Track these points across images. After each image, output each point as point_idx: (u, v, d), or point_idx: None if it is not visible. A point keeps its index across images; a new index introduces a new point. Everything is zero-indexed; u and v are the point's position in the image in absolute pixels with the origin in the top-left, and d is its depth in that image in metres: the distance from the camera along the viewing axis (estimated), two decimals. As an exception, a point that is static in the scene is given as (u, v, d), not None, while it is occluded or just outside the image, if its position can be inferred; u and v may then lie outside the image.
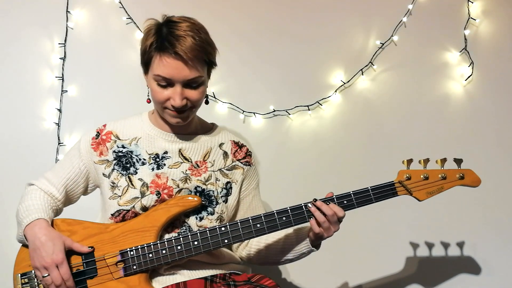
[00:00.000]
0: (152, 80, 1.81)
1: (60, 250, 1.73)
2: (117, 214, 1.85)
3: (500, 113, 2.67)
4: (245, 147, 2.03)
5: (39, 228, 1.76)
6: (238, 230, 1.81)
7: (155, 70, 1.78)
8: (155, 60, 1.78)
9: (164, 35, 1.76)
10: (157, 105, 1.86)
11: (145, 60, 1.82)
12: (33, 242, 1.74)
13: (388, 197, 1.84)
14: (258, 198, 2.07)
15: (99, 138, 1.94)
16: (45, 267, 1.71)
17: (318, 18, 2.68)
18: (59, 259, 1.71)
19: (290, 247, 1.94)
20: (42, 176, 1.97)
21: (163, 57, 1.76)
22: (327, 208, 1.78)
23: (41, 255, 1.72)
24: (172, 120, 1.86)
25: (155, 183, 1.87)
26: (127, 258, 1.78)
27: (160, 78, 1.78)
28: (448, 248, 2.60)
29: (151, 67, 1.80)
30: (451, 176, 1.84)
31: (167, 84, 1.79)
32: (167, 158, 1.90)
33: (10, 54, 2.57)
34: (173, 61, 1.75)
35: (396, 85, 2.68)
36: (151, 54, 1.78)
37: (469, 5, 2.68)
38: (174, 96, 1.80)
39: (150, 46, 1.78)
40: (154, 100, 1.85)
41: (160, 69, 1.77)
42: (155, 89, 1.81)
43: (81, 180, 1.96)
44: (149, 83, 1.84)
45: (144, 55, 1.81)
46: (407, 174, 1.84)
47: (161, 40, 1.76)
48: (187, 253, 1.79)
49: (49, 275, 1.71)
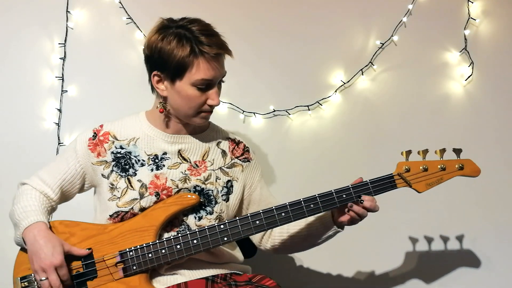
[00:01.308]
0: (188, 86, 1.78)
1: (59, 252, 1.72)
2: (115, 215, 1.85)
3: (500, 113, 2.67)
4: (242, 143, 2.03)
5: (38, 231, 1.75)
6: (237, 227, 1.80)
7: (198, 75, 1.76)
8: (196, 65, 1.75)
9: (198, 36, 1.76)
10: (191, 111, 1.83)
11: (180, 68, 1.76)
12: (32, 245, 1.74)
13: (388, 190, 1.83)
14: (266, 189, 2.06)
15: (96, 139, 1.93)
16: (43, 269, 1.71)
17: (318, 18, 2.68)
18: (57, 261, 1.71)
19: (315, 233, 1.94)
20: (35, 175, 1.95)
21: (206, 61, 1.75)
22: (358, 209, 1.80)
23: (40, 257, 1.71)
24: (201, 121, 1.87)
25: (154, 184, 1.86)
26: (127, 259, 1.78)
27: (204, 81, 1.77)
28: (448, 242, 2.61)
29: (188, 74, 1.76)
30: (450, 166, 1.83)
31: (206, 87, 1.80)
32: (166, 159, 1.90)
33: (10, 54, 2.57)
34: (215, 62, 1.78)
35: (396, 85, 2.68)
36: (188, 61, 1.75)
37: (469, 5, 2.68)
38: (213, 96, 1.81)
39: (190, 50, 1.74)
40: (189, 106, 1.81)
41: (204, 72, 1.76)
42: (194, 94, 1.79)
43: (77, 181, 1.95)
44: (181, 90, 1.79)
45: (178, 63, 1.75)
46: (406, 166, 1.83)
47: (199, 43, 1.75)
48: (187, 252, 1.78)
49: (48, 278, 1.71)
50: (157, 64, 1.80)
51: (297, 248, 2.05)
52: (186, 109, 1.83)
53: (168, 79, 1.81)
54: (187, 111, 1.83)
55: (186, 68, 1.76)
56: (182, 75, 1.77)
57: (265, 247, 2.06)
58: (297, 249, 2.06)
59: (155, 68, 1.82)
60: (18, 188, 1.97)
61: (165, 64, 1.78)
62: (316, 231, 1.93)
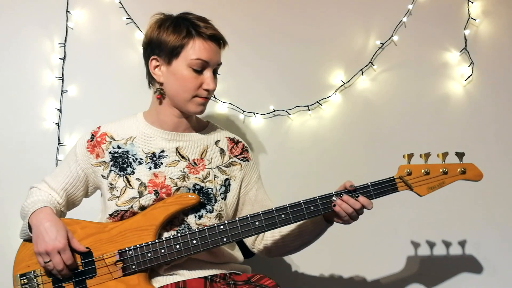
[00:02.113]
0: (184, 67, 1.82)
1: (63, 236, 1.75)
2: (115, 214, 1.86)
3: (500, 113, 2.67)
4: (241, 142, 2.04)
5: (44, 214, 1.79)
6: (237, 228, 1.80)
7: (193, 55, 1.81)
8: (191, 45, 1.81)
9: (195, 21, 1.84)
10: (186, 94, 1.85)
11: (176, 47, 1.82)
12: (37, 227, 1.77)
13: (389, 193, 1.82)
14: (262, 191, 2.06)
15: (94, 141, 1.95)
16: (47, 252, 1.73)
17: (318, 18, 2.69)
18: (61, 244, 1.74)
19: (306, 229, 1.94)
20: (42, 180, 1.99)
21: (202, 41, 1.82)
22: (354, 203, 1.78)
23: (44, 240, 1.74)
24: (197, 109, 1.88)
25: (153, 182, 1.87)
26: (126, 258, 1.78)
27: (199, 62, 1.82)
28: (450, 247, 2.60)
29: (184, 54, 1.82)
30: (452, 170, 1.81)
31: (201, 69, 1.84)
32: (164, 157, 1.90)
33: (10, 54, 2.57)
34: (211, 44, 1.84)
35: (396, 85, 2.68)
36: (184, 40, 1.81)
37: (469, 5, 2.68)
38: (208, 80, 1.85)
39: (186, 32, 1.81)
40: (185, 88, 1.85)
41: (200, 52, 1.82)
42: (189, 75, 1.83)
43: (80, 184, 1.97)
44: (177, 71, 1.84)
45: (175, 43, 1.81)
46: (408, 169, 1.81)
47: (195, 26, 1.82)
48: (186, 252, 1.79)
49: (51, 260, 1.73)
50: (154, 48, 1.86)
51: (290, 247, 2.02)
52: (181, 92, 1.85)
53: (165, 62, 1.85)
54: (182, 94, 1.85)
55: (182, 46, 1.82)
56: (178, 54, 1.82)
57: (258, 248, 2.05)
58: (290, 248, 2.03)
59: (153, 53, 1.87)
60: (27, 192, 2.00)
61: (162, 46, 1.84)
62: (306, 228, 1.94)
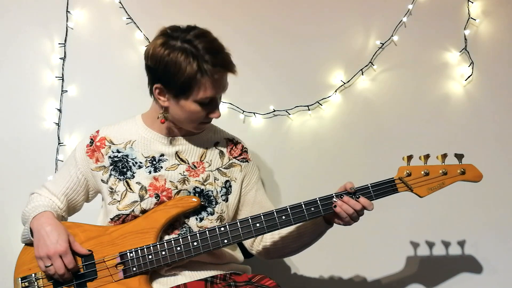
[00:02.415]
0: (192, 103, 1.77)
1: (65, 240, 1.75)
2: (116, 218, 1.86)
3: (500, 113, 2.66)
4: (240, 144, 2.04)
5: (45, 218, 1.79)
6: (237, 230, 1.81)
7: (203, 94, 1.75)
8: (202, 85, 1.74)
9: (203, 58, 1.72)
10: (192, 123, 1.84)
11: (186, 87, 1.74)
12: (38, 232, 1.77)
13: (389, 194, 1.83)
14: (262, 192, 2.06)
15: (93, 145, 1.94)
16: (48, 256, 1.73)
17: (318, 18, 2.68)
18: (63, 248, 1.74)
19: (305, 230, 1.94)
20: (42, 186, 1.99)
21: (211, 80, 1.74)
22: (355, 203, 1.78)
23: (46, 244, 1.74)
24: (199, 130, 1.91)
25: (154, 186, 1.87)
26: (127, 260, 1.79)
27: (207, 99, 1.77)
28: (449, 247, 2.60)
29: (195, 92, 1.75)
30: (452, 171, 1.83)
31: (210, 101, 1.80)
32: (164, 161, 1.90)
33: (10, 54, 2.57)
34: (220, 81, 1.78)
35: (396, 85, 2.67)
36: (193, 81, 1.73)
37: (469, 5, 2.67)
38: (215, 110, 1.83)
39: (196, 71, 1.72)
40: (191, 119, 1.82)
41: (210, 91, 1.76)
42: (196, 110, 1.79)
43: (81, 189, 1.97)
44: (184, 106, 1.79)
45: (185, 83, 1.73)
46: (408, 170, 1.83)
47: (204, 63, 1.72)
48: (187, 254, 1.79)
49: (52, 264, 1.73)
50: (160, 77, 1.78)
51: (289, 249, 2.02)
52: (187, 122, 1.85)
53: (171, 94, 1.79)
54: (188, 123, 1.85)
55: (192, 88, 1.74)
56: (187, 94, 1.76)
57: (257, 250, 2.05)
58: (289, 250, 2.03)
59: (158, 81, 1.79)
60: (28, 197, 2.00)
61: (170, 80, 1.75)
62: (306, 229, 1.94)
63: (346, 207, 1.78)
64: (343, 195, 1.80)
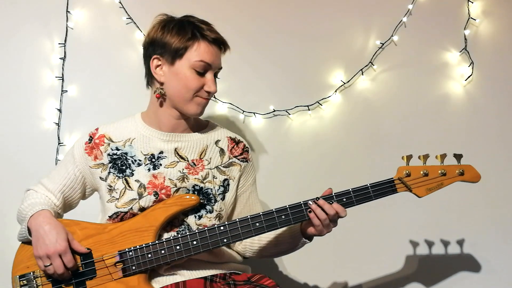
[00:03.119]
0: (187, 67, 1.84)
1: (64, 239, 1.75)
2: (115, 216, 1.86)
3: (500, 113, 2.67)
4: (242, 143, 2.03)
5: (43, 217, 1.79)
6: (237, 229, 1.80)
7: (197, 57, 1.83)
8: (196, 47, 1.83)
9: (199, 24, 1.86)
10: (187, 93, 1.86)
11: (180, 48, 1.83)
12: (37, 231, 1.76)
13: (388, 194, 1.84)
14: (255, 195, 2.07)
15: (92, 143, 1.94)
16: (48, 255, 1.73)
17: (318, 18, 2.68)
18: (62, 247, 1.73)
19: (283, 240, 1.95)
20: (38, 182, 1.98)
21: (206, 44, 1.85)
22: (329, 208, 1.78)
23: (45, 243, 1.73)
24: (197, 110, 1.90)
25: (152, 184, 1.87)
26: (126, 259, 1.78)
27: (202, 64, 1.84)
28: (448, 246, 2.60)
29: (187, 55, 1.83)
30: (451, 172, 1.84)
31: (204, 71, 1.85)
32: (163, 158, 1.90)
33: (10, 54, 2.57)
34: (214, 48, 1.87)
35: (396, 85, 2.67)
36: (188, 42, 1.83)
37: (469, 5, 2.68)
38: (209, 82, 1.87)
39: (191, 34, 1.83)
40: (186, 88, 1.85)
41: (204, 55, 1.84)
42: (191, 76, 1.84)
43: (78, 186, 1.97)
44: (179, 71, 1.85)
45: (180, 44, 1.83)
46: (407, 171, 1.83)
47: (199, 29, 1.85)
48: (186, 253, 1.79)
49: (52, 264, 1.72)
50: (157, 48, 1.87)
51: (268, 254, 2.05)
52: (183, 92, 1.86)
53: (167, 61, 1.86)
54: (184, 93, 1.86)
55: (186, 48, 1.84)
56: (182, 54, 1.84)
57: (236, 249, 2.06)
58: (267, 255, 2.07)
59: (155, 52, 1.88)
60: (24, 194, 2.00)
61: (165, 46, 1.85)
62: (284, 239, 1.95)
63: (319, 212, 1.79)
64: (318, 198, 1.80)
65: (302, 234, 1.88)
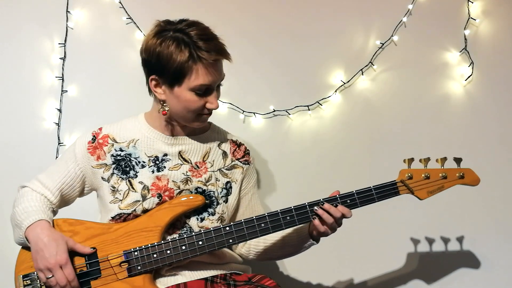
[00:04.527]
0: (187, 91, 1.78)
1: (64, 250, 1.72)
2: (118, 217, 1.85)
3: (500, 113, 2.67)
4: (243, 145, 2.04)
5: (41, 229, 1.75)
6: (242, 230, 1.81)
7: (197, 81, 1.76)
8: (195, 71, 1.75)
9: (197, 42, 1.75)
10: (190, 114, 1.83)
11: (179, 74, 1.76)
12: (35, 243, 1.74)
13: (390, 196, 1.86)
14: (256, 197, 2.07)
15: (95, 142, 1.93)
16: (48, 268, 1.71)
17: (318, 18, 2.68)
18: (62, 260, 1.71)
19: (290, 242, 1.95)
20: (35, 178, 1.95)
21: (204, 66, 1.75)
22: (335, 211, 1.79)
23: (44, 256, 1.71)
24: (201, 124, 1.89)
25: (156, 186, 1.87)
26: (132, 259, 1.78)
27: (202, 87, 1.78)
28: (448, 243, 2.61)
29: (188, 79, 1.76)
30: (451, 175, 1.87)
31: (206, 91, 1.80)
32: (167, 161, 1.90)
33: (10, 54, 2.56)
34: (214, 67, 1.78)
35: (396, 85, 2.68)
36: (186, 67, 1.75)
37: (469, 5, 2.68)
38: (212, 100, 1.82)
39: (188, 57, 1.74)
40: (188, 110, 1.82)
41: (203, 78, 1.76)
42: (192, 99, 1.79)
43: (77, 184, 1.95)
44: (179, 95, 1.79)
45: (177, 69, 1.75)
46: (409, 174, 1.86)
47: (197, 48, 1.74)
48: (192, 253, 1.79)
49: (53, 276, 1.71)
50: (155, 68, 1.80)
51: (272, 256, 2.06)
52: (185, 113, 1.83)
53: (166, 84, 1.81)
54: (186, 115, 1.84)
55: (184, 74, 1.76)
56: (180, 81, 1.77)
57: (239, 252, 2.06)
58: (272, 257, 2.08)
59: (153, 72, 1.81)
60: (18, 191, 1.97)
61: (163, 70, 1.77)
62: (291, 241, 1.95)
63: (326, 216, 1.79)
64: (323, 202, 1.81)
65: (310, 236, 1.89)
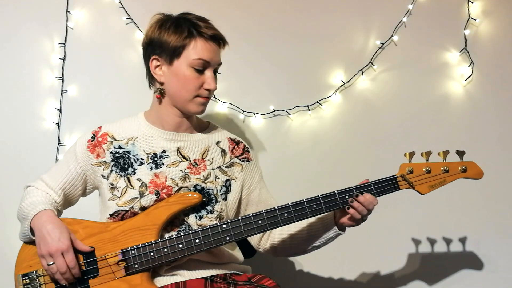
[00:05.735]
0: (186, 66, 1.84)
1: (66, 237, 1.74)
2: (115, 214, 1.85)
3: (500, 113, 2.67)
4: (242, 143, 2.04)
5: (47, 217, 1.78)
6: (239, 227, 1.80)
7: (195, 55, 1.83)
8: (193, 45, 1.83)
9: (195, 22, 1.85)
10: (188, 94, 1.86)
11: (178, 47, 1.83)
12: (39, 230, 1.76)
13: (390, 191, 1.84)
14: (265, 190, 2.06)
15: (95, 140, 1.94)
16: (50, 254, 1.72)
17: (318, 18, 2.69)
18: (64, 245, 1.73)
19: (316, 234, 1.94)
20: (39, 178, 1.97)
21: (203, 41, 1.84)
22: (368, 202, 1.79)
23: (47, 242, 1.73)
24: (198, 109, 1.89)
25: (154, 183, 1.87)
26: (129, 257, 1.78)
27: (200, 61, 1.83)
28: (451, 244, 2.60)
29: (185, 54, 1.83)
30: (453, 169, 1.83)
31: (203, 69, 1.85)
32: (166, 157, 1.90)
33: (10, 54, 2.57)
34: (212, 44, 1.86)
35: (396, 85, 2.68)
36: (185, 41, 1.83)
37: (469, 5, 2.68)
38: (209, 80, 1.86)
39: (187, 32, 1.83)
40: (186, 88, 1.85)
41: (202, 52, 1.83)
42: (190, 75, 1.84)
43: (79, 183, 1.96)
44: (178, 71, 1.84)
45: (177, 43, 1.83)
46: (409, 168, 1.83)
47: (196, 26, 1.84)
48: (189, 251, 1.78)
49: (54, 262, 1.72)
50: (155, 48, 1.87)
51: (297, 250, 2.04)
52: (183, 92, 1.86)
53: (166, 61, 1.86)
54: (184, 93, 1.86)
55: (184, 46, 1.83)
56: (179, 54, 1.83)
57: (264, 247, 2.06)
58: (296, 251, 2.05)
59: (154, 53, 1.88)
60: (23, 190, 1.99)
61: (163, 46, 1.85)
62: (317, 232, 1.93)
63: (361, 209, 1.80)
64: (358, 194, 1.80)
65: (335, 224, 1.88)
